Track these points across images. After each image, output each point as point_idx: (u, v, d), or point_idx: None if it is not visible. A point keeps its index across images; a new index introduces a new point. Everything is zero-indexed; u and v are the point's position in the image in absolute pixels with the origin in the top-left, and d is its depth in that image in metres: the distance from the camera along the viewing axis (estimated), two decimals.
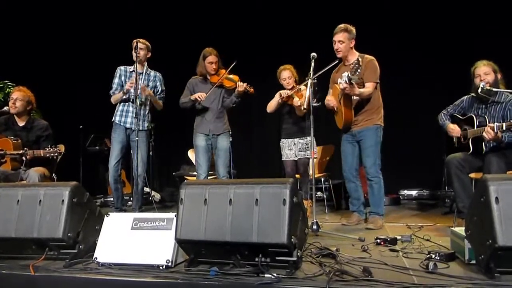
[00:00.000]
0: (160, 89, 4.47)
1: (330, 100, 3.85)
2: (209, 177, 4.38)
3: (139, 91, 4.16)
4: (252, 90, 4.15)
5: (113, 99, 4.38)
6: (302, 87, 4.18)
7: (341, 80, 3.51)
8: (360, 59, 3.44)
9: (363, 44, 3.87)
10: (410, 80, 5.85)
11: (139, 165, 4.12)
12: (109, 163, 4.31)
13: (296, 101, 4.18)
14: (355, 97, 3.67)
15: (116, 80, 4.38)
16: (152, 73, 4.46)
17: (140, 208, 4.33)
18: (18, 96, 4.09)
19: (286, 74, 4.37)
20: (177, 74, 4.49)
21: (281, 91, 4.34)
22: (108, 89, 4.41)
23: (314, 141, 4.38)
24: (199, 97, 4.12)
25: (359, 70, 3.43)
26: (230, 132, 4.40)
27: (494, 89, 3.32)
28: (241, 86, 4.11)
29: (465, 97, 3.65)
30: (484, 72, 3.40)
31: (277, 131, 5.21)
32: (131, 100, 4.32)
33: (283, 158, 4.51)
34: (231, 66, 4.19)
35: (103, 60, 5.64)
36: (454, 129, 3.59)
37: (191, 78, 4.38)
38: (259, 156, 6.75)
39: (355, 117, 3.75)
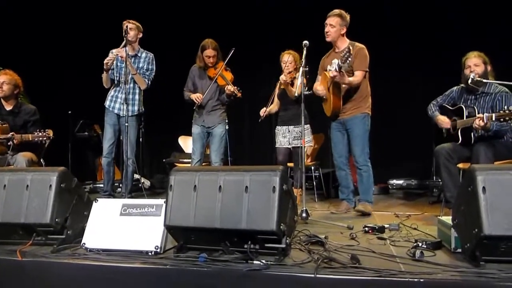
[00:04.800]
0: (145, 68, 4.36)
1: (320, 90, 3.84)
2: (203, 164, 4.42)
3: (129, 76, 4.12)
4: (239, 94, 4.17)
5: (103, 81, 4.35)
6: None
7: (331, 67, 3.50)
8: (351, 48, 3.42)
9: (354, 32, 3.85)
10: (400, 69, 5.84)
11: (128, 149, 4.10)
12: (103, 145, 4.32)
13: (282, 77, 4.13)
14: (344, 85, 3.67)
15: None
16: (144, 54, 4.41)
17: (130, 194, 4.32)
18: (5, 80, 4.02)
19: (286, 58, 4.27)
20: (169, 60, 4.43)
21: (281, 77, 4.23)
22: (99, 74, 4.35)
23: (310, 129, 4.38)
24: (196, 99, 4.20)
25: (349, 59, 3.41)
26: (227, 121, 4.40)
27: (484, 80, 3.34)
28: (229, 89, 4.15)
29: (455, 87, 3.67)
30: (474, 64, 3.41)
31: (269, 120, 5.19)
32: (120, 85, 4.29)
33: (277, 145, 4.46)
34: (228, 56, 4.19)
35: (93, 44, 5.54)
36: (444, 121, 3.60)
37: (193, 66, 4.39)
38: (251, 144, 6.73)
39: (343, 105, 3.75)
